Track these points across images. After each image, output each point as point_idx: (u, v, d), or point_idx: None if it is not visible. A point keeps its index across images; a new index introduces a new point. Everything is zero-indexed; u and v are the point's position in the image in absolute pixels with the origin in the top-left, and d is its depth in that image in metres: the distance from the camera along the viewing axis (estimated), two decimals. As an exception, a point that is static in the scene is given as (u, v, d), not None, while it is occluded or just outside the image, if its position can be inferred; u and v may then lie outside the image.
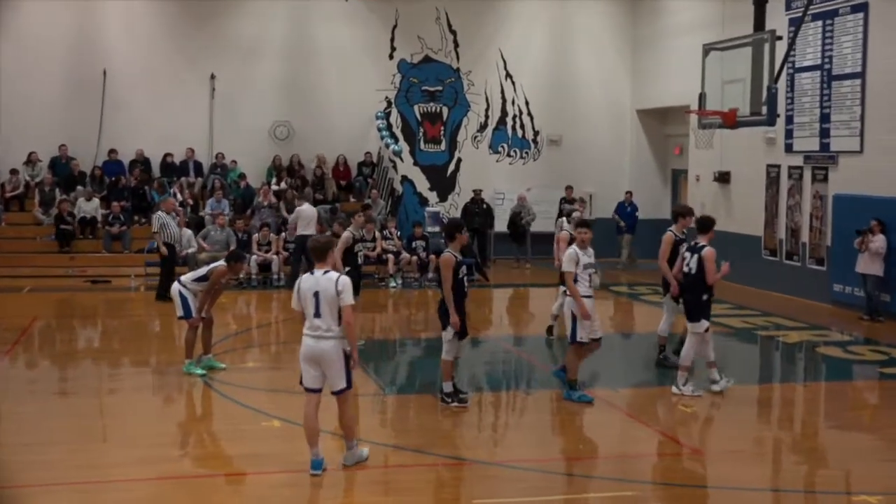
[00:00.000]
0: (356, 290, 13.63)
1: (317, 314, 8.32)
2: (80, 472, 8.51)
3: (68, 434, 9.72)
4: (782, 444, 10.12)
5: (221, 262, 12.33)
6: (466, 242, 10.75)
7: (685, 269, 11.61)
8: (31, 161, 22.63)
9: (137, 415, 10.63)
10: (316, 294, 8.31)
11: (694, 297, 11.43)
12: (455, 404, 10.62)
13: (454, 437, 9.83)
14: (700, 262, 11.31)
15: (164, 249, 18.27)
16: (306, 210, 20.13)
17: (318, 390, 8.47)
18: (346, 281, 8.35)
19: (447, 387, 10.76)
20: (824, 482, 8.84)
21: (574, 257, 10.92)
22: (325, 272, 8.36)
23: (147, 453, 9.06)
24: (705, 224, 11.64)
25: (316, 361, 8.41)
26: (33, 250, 21.54)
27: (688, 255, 11.65)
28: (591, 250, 11.09)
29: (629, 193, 25.06)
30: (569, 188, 24.59)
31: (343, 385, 8.46)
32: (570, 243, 11.77)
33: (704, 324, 11.31)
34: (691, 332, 11.41)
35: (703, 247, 11.39)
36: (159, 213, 18.80)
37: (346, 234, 13.47)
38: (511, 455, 9.28)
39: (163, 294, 18.02)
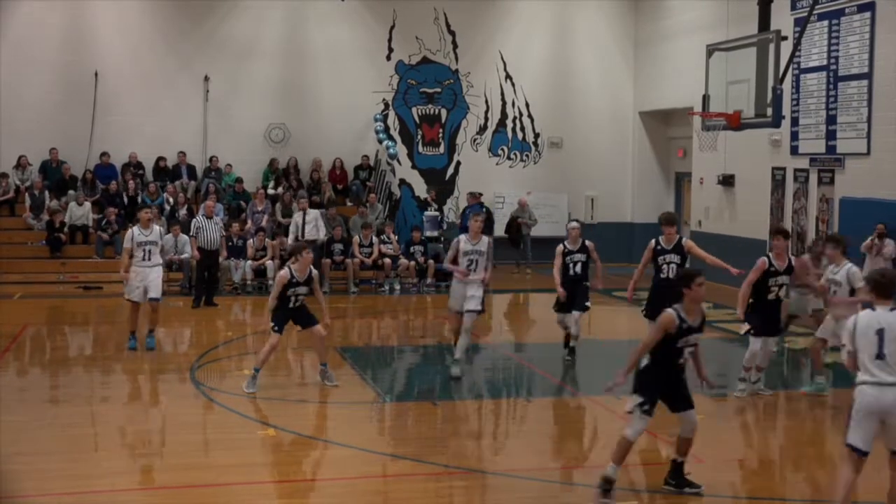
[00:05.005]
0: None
1: None
2: (71, 482, 8.34)
3: (60, 443, 9.51)
4: (787, 452, 10.02)
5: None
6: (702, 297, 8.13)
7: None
8: (21, 165, 22.26)
9: (130, 423, 10.44)
10: None
11: None
12: (603, 499, 7.92)
13: (453, 446, 9.67)
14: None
15: (196, 253, 17.92)
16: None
17: None
18: None
19: (612, 471, 7.98)
20: (830, 490, 8.65)
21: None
22: None
23: (140, 463, 8.95)
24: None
25: None
26: (24, 256, 21.18)
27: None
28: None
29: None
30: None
31: None
32: None
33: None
34: None
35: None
36: (197, 216, 18.75)
37: (282, 273, 11.57)
38: (511, 464, 9.14)
39: (199, 302, 17.95)
